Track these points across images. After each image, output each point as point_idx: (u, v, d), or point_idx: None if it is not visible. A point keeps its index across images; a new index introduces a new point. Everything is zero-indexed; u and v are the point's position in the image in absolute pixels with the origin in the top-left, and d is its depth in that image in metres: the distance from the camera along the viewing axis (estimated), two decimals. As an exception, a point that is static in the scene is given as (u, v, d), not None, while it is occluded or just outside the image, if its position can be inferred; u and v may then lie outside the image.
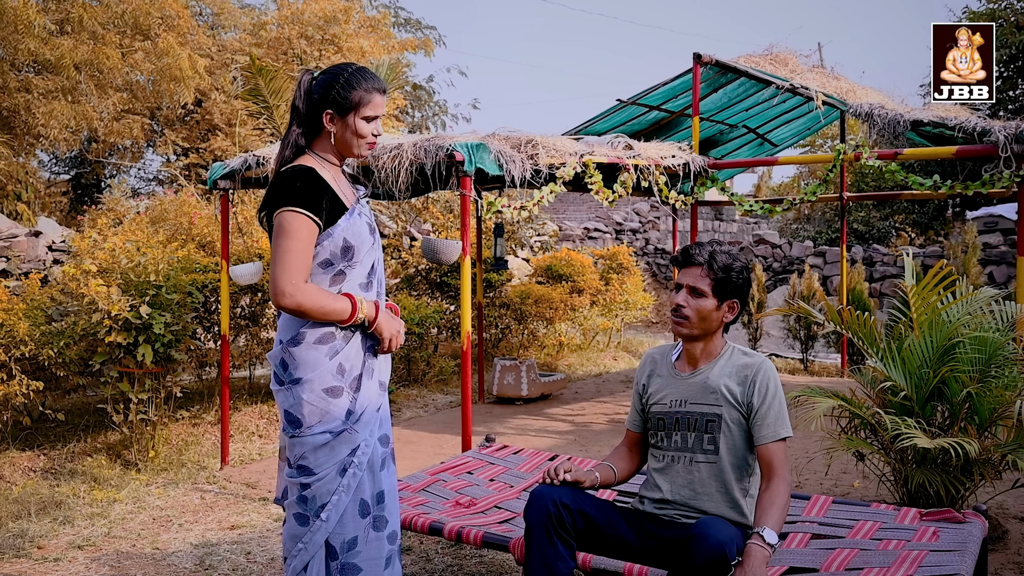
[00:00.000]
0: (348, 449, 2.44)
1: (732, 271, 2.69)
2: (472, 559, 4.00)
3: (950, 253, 10.77)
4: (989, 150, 5.84)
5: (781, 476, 2.58)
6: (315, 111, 2.50)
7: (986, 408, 3.87)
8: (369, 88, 2.50)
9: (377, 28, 17.03)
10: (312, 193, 2.40)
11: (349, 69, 2.51)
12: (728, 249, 2.76)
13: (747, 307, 2.81)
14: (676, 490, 2.73)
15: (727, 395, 2.68)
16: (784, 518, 2.53)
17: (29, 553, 4.10)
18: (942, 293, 4.28)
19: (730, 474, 2.68)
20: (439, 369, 9.08)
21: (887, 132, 6.84)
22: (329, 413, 2.42)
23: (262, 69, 8.03)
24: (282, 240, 2.35)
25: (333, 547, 2.44)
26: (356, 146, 2.53)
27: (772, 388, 2.66)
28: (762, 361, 2.71)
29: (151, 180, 17.97)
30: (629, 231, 17.76)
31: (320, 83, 2.51)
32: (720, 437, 2.68)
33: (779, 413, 2.65)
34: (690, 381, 2.76)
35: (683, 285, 2.74)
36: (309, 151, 2.53)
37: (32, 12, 11.18)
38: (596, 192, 5.91)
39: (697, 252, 2.73)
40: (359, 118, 2.49)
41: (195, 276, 6.45)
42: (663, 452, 2.79)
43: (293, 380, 2.43)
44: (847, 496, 4.85)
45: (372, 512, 2.49)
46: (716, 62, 7.46)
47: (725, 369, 2.73)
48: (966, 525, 3.11)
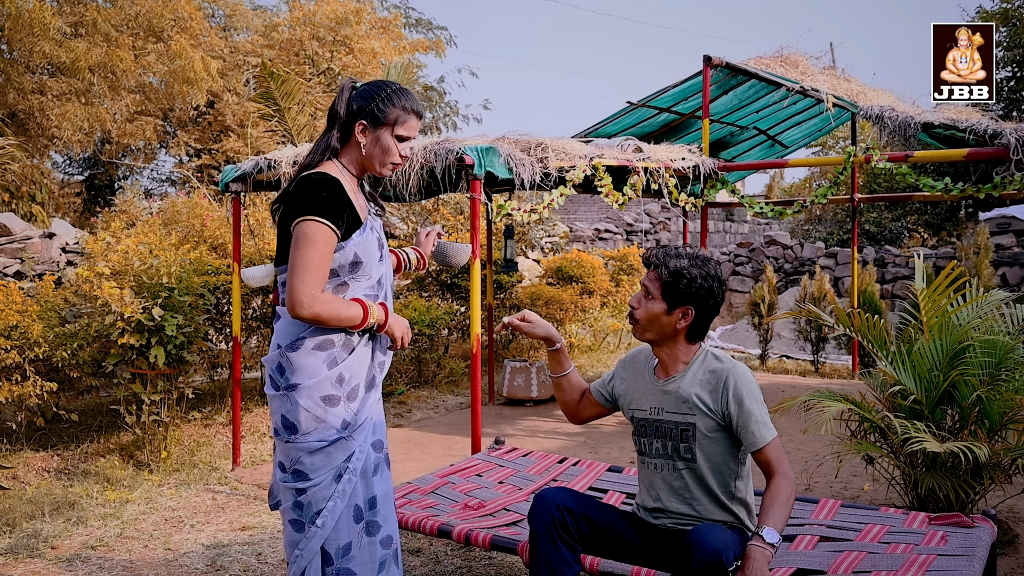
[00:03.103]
0: (344, 455, 2.45)
1: (683, 277, 2.63)
2: (481, 561, 4.02)
3: (962, 254, 10.72)
4: (1000, 152, 5.82)
5: (780, 472, 2.56)
6: (350, 120, 2.52)
7: (996, 412, 3.86)
8: (408, 108, 2.52)
9: (388, 29, 17.08)
10: (336, 204, 2.40)
11: (392, 87, 2.53)
12: (691, 254, 2.69)
13: (709, 315, 2.72)
14: (665, 497, 2.73)
15: (699, 404, 2.65)
16: (788, 515, 2.51)
17: (43, 553, 4.14)
18: (952, 296, 4.28)
19: (711, 479, 2.66)
20: (449, 370, 9.11)
21: (898, 134, 6.82)
22: (325, 422, 2.43)
23: (274, 73, 8.08)
24: (304, 249, 2.36)
25: (328, 553, 2.45)
26: (381, 163, 2.54)
27: (746, 393, 2.61)
28: (732, 367, 2.66)
29: (164, 181, 18.09)
30: (640, 232, 17.74)
31: (360, 94, 2.52)
32: (695, 446, 2.66)
33: (759, 417, 2.60)
34: (664, 389, 2.74)
35: (641, 285, 2.74)
36: (335, 159, 2.54)
37: (47, 15, 11.29)
38: (606, 195, 5.92)
39: (654, 255, 2.71)
40: (392, 135, 2.51)
41: (207, 278, 6.49)
42: (647, 459, 2.78)
43: (290, 386, 2.44)
44: (856, 500, 4.84)
45: (365, 517, 2.49)
46: (726, 64, 7.45)
47: (696, 377, 2.69)
48: (975, 529, 3.11)
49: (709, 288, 2.66)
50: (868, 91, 8.32)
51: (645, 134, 9.15)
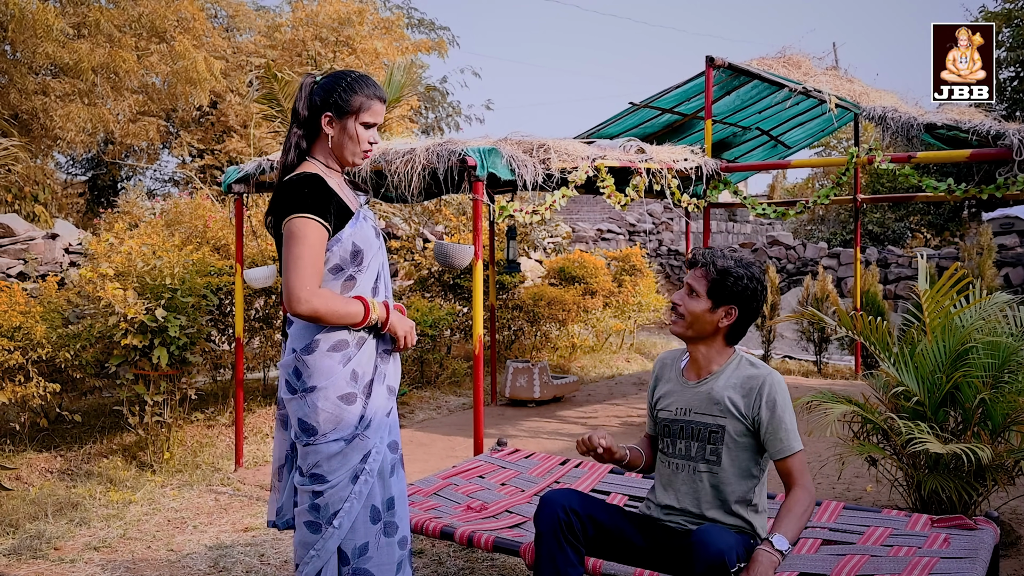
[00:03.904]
0: (360, 456, 2.46)
1: (730, 276, 2.66)
2: (484, 562, 4.02)
3: (965, 255, 10.71)
4: (1003, 153, 5.81)
5: (801, 485, 2.57)
6: (315, 114, 2.53)
7: (999, 413, 3.85)
8: (370, 95, 2.53)
9: (391, 29, 17.08)
10: (319, 199, 2.42)
11: (352, 75, 2.55)
12: (737, 257, 2.74)
13: (750, 317, 2.75)
14: (681, 498, 2.73)
15: (731, 407, 2.66)
16: (802, 527, 2.51)
17: (46, 554, 4.15)
18: (955, 297, 4.27)
19: (731, 486, 2.66)
20: (452, 371, 9.11)
21: (901, 135, 6.82)
22: (344, 420, 2.44)
23: (276, 75, 8.09)
24: (294, 247, 2.37)
25: (345, 553, 2.46)
26: (351, 152, 2.55)
27: (780, 401, 2.63)
28: (768, 373, 2.67)
29: (167, 181, 18.11)
30: (642, 232, 17.73)
31: (322, 86, 2.54)
32: (723, 448, 2.66)
33: (790, 427, 2.62)
34: (695, 390, 2.75)
35: (685, 283, 2.76)
36: (311, 157, 2.55)
37: (50, 16, 11.30)
38: (608, 196, 5.92)
39: (701, 254, 2.75)
40: (358, 123, 2.52)
41: (210, 279, 6.49)
42: (669, 459, 2.79)
43: (307, 388, 2.44)
44: (859, 501, 4.83)
45: (383, 518, 2.50)
46: (729, 65, 7.45)
47: (731, 380, 2.70)
48: (977, 532, 3.11)
49: (754, 290, 2.69)
50: (871, 92, 8.31)
51: (648, 135, 9.15)
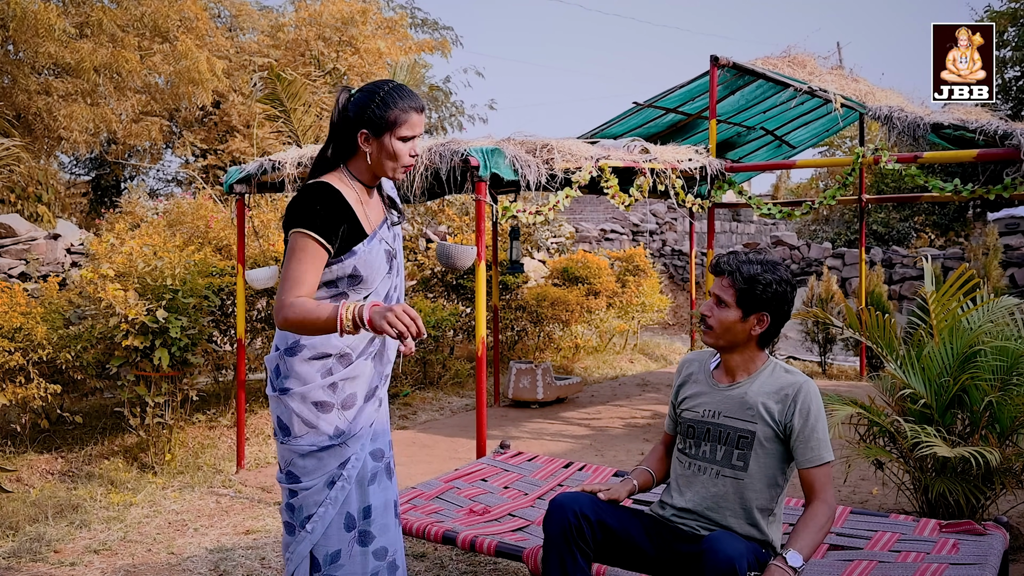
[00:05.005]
0: (337, 461, 2.43)
1: (758, 283, 2.58)
2: (486, 566, 3.99)
3: (971, 255, 10.67)
4: (1011, 153, 5.77)
5: (822, 499, 2.52)
6: (350, 131, 2.41)
7: (1007, 416, 3.82)
8: (406, 107, 2.38)
9: (394, 29, 17.06)
10: (329, 216, 2.34)
11: (386, 87, 2.40)
12: (762, 260, 2.65)
13: (782, 320, 2.69)
14: (698, 500, 2.67)
15: (764, 413, 2.60)
16: (818, 543, 2.46)
17: (46, 557, 4.12)
18: (963, 299, 4.23)
19: (755, 493, 2.60)
20: (455, 372, 9.08)
21: (907, 135, 6.79)
22: (317, 428, 2.40)
23: (280, 75, 8.06)
24: (290, 261, 2.33)
25: (316, 559, 2.43)
26: (391, 168, 2.43)
27: (815, 409, 2.57)
28: (804, 381, 2.61)
29: (170, 181, 18.11)
30: (646, 232, 17.68)
31: (356, 102, 2.40)
32: (751, 455, 2.60)
33: (822, 436, 2.56)
34: (727, 394, 2.68)
35: (712, 294, 2.70)
36: (342, 167, 2.46)
37: (53, 16, 11.29)
38: (612, 196, 5.89)
39: (725, 262, 2.66)
40: (395, 138, 2.39)
41: (211, 280, 6.47)
42: (690, 460, 2.72)
43: (282, 389, 2.43)
44: (865, 505, 4.79)
45: (358, 526, 2.46)
46: (733, 64, 7.41)
47: (765, 386, 2.64)
48: (986, 537, 3.07)
49: (783, 293, 2.63)
50: (876, 91, 8.27)
51: (652, 134, 9.12)
